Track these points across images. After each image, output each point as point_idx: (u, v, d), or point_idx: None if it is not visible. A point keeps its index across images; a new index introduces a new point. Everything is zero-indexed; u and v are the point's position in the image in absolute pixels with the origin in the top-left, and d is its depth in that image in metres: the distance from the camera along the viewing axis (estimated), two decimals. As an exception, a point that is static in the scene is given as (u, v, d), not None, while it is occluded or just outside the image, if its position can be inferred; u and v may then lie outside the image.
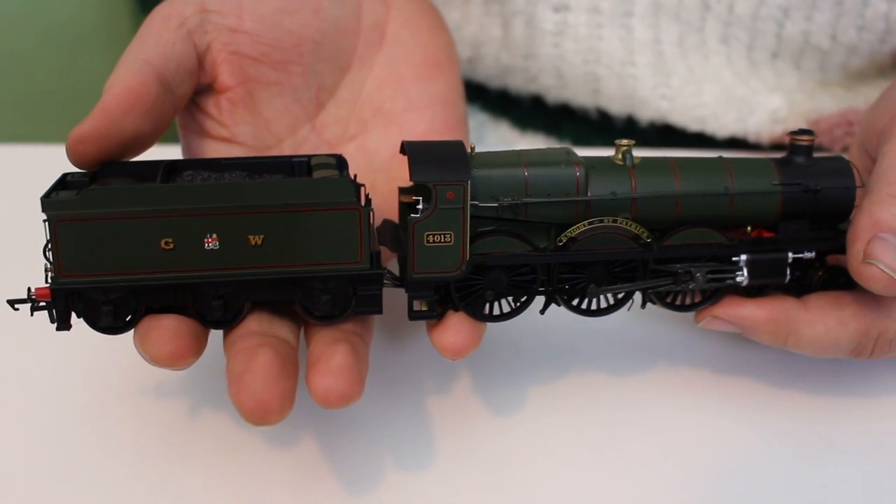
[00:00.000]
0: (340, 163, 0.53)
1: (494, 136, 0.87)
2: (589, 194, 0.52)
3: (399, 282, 0.53)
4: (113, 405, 0.58)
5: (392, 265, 0.56)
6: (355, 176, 0.50)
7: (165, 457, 0.55)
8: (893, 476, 0.54)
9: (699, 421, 0.58)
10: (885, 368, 0.61)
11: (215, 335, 0.51)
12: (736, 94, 0.79)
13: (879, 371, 0.61)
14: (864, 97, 0.79)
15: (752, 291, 0.56)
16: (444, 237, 0.51)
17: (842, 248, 0.53)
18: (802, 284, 0.56)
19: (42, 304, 0.49)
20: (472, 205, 0.50)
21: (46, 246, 0.48)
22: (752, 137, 0.79)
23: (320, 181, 0.49)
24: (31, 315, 0.49)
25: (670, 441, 0.56)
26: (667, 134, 0.82)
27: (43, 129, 1.14)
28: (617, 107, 0.82)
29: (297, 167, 0.53)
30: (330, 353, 0.48)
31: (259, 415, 0.45)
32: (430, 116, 0.63)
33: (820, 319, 0.54)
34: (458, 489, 0.53)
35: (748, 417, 0.58)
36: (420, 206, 0.50)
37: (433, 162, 0.50)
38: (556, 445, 0.56)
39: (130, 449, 0.55)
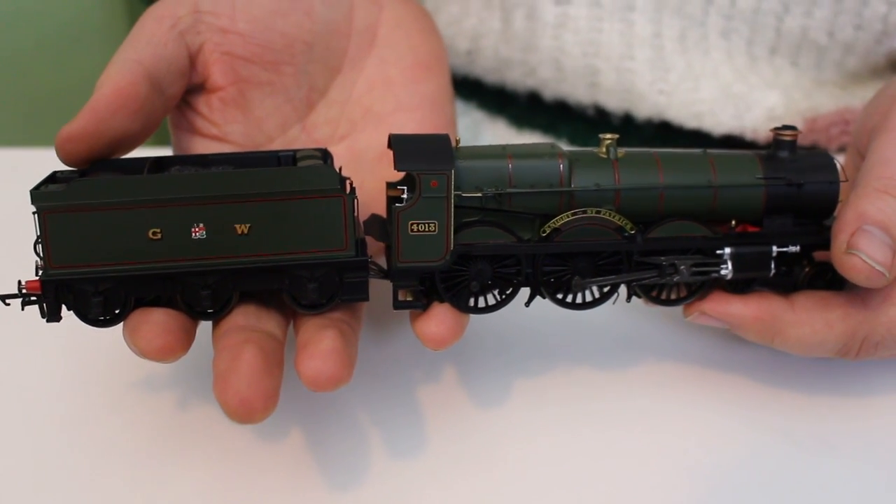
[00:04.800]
0: (325, 155, 0.53)
1: (491, 134, 0.87)
2: (573, 186, 0.53)
3: (385, 273, 0.54)
4: (101, 397, 0.59)
5: (381, 261, 0.57)
6: (340, 169, 0.51)
7: (153, 447, 0.55)
8: (886, 473, 0.54)
9: (687, 415, 0.58)
10: (878, 366, 0.61)
11: (203, 328, 0.52)
12: (733, 90, 0.79)
13: (872, 369, 0.61)
14: (859, 98, 0.79)
15: (738, 286, 0.56)
16: (429, 226, 0.51)
17: (827, 243, 0.53)
18: (789, 280, 0.56)
19: (33, 297, 0.49)
20: (455, 195, 0.51)
21: (37, 241, 0.49)
22: (748, 135, 0.79)
23: (304, 169, 0.50)
24: (23, 309, 0.50)
25: (658, 435, 0.56)
26: (664, 130, 0.82)
27: (40, 131, 1.14)
28: (614, 102, 0.82)
29: (283, 161, 0.53)
30: (319, 338, 0.48)
31: (243, 413, 0.46)
32: (419, 118, 0.63)
33: (807, 321, 0.54)
34: (446, 478, 0.53)
35: (737, 412, 0.58)
36: (405, 196, 0.51)
37: (417, 152, 0.51)
38: (543, 437, 0.56)
39: (117, 440, 0.56)
